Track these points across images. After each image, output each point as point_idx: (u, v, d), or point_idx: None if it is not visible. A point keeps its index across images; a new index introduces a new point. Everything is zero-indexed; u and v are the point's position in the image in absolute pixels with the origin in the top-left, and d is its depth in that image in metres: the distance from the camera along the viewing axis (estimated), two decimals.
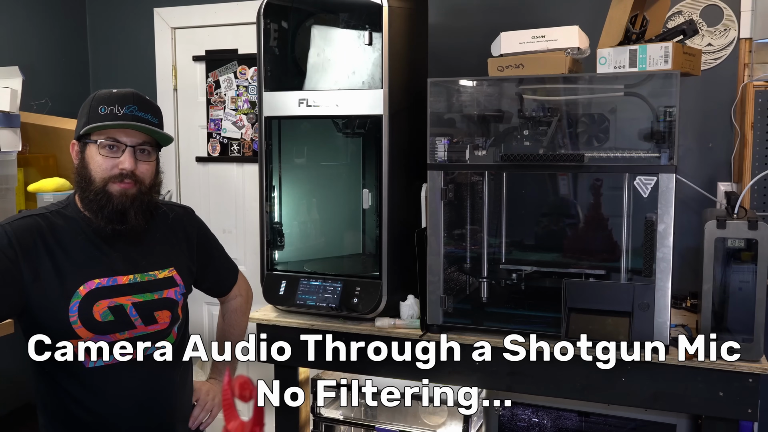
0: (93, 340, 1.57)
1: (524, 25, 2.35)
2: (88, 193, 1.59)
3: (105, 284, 1.59)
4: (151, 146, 1.64)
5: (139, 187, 1.61)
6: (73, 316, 1.55)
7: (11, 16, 3.16)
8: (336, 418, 2.50)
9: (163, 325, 1.68)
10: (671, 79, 2.00)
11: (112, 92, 1.62)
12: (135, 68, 3.52)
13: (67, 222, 1.61)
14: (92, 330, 1.56)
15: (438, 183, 2.19)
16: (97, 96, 1.62)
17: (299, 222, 2.63)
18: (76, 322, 1.54)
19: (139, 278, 1.65)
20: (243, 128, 3.34)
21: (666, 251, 1.97)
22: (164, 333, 1.69)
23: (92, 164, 1.59)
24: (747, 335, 1.95)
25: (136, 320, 1.62)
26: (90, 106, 1.60)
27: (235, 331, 2.02)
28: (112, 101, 1.59)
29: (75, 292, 1.55)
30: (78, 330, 1.55)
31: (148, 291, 1.66)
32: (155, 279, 1.68)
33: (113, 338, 1.59)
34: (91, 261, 1.60)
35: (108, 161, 1.58)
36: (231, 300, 2.00)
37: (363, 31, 2.35)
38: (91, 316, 1.56)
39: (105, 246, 1.62)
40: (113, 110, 1.58)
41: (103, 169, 1.58)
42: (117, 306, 1.60)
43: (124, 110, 1.58)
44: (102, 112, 1.58)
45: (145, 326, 1.64)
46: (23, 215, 1.60)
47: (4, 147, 2.61)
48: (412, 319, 2.29)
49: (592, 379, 2.07)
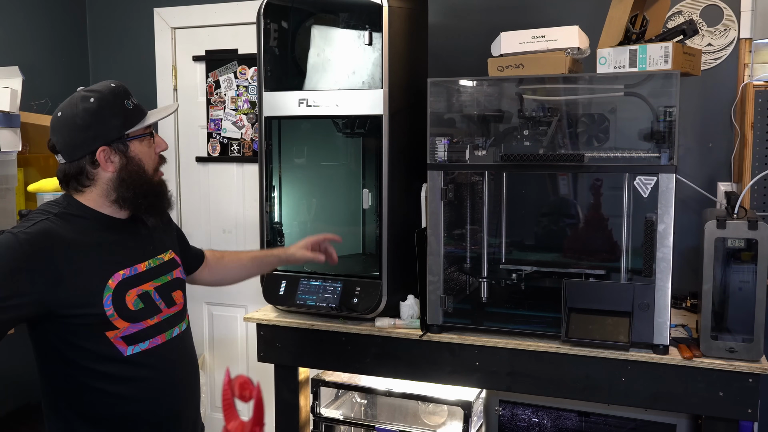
0: (129, 329, 1.60)
1: (524, 25, 2.35)
2: (142, 188, 1.63)
3: (129, 274, 1.63)
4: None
5: None
6: (109, 309, 1.57)
7: (11, 16, 3.16)
8: (336, 418, 2.50)
9: (179, 306, 1.74)
10: (671, 79, 2.00)
11: (117, 89, 1.63)
12: (135, 68, 3.52)
13: (76, 221, 1.60)
14: (128, 319, 1.60)
15: (438, 183, 2.19)
16: (113, 93, 1.61)
17: (299, 222, 2.63)
18: (113, 315, 1.57)
19: (152, 263, 1.70)
20: (243, 128, 3.34)
21: (666, 251, 1.97)
22: (182, 314, 1.76)
23: (144, 158, 1.64)
24: (747, 335, 1.95)
25: (160, 304, 1.68)
26: (114, 104, 1.60)
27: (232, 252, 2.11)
28: (124, 94, 1.63)
29: (105, 286, 1.57)
30: (115, 321, 1.58)
31: (163, 274, 1.71)
32: (164, 261, 1.74)
33: (146, 324, 1.63)
34: (110, 254, 1.62)
35: (152, 149, 1.67)
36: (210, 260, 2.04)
37: (363, 31, 2.35)
38: (125, 306, 1.59)
39: (117, 238, 1.65)
40: (132, 101, 1.64)
41: (153, 159, 1.66)
42: (144, 293, 1.64)
43: (132, 99, 1.64)
44: (129, 107, 1.62)
45: (168, 308, 1.70)
46: (35, 220, 1.56)
47: (4, 147, 2.62)
48: (412, 319, 2.29)
49: (592, 379, 2.07)
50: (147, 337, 1.63)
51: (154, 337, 1.65)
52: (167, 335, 1.68)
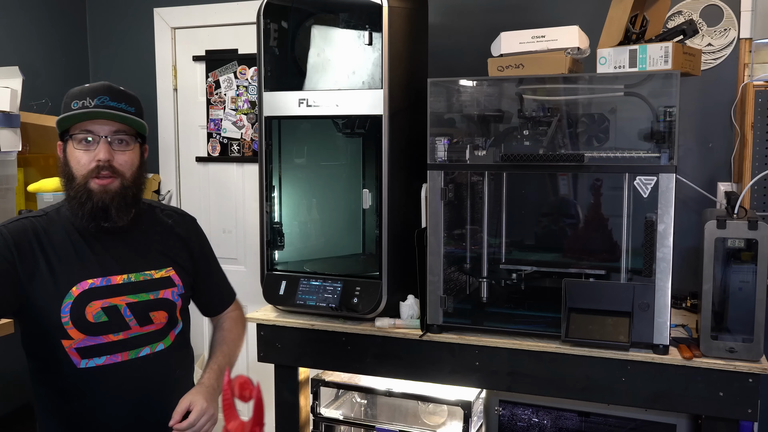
0: (85, 341, 1.56)
1: (524, 25, 2.35)
2: (70, 190, 1.58)
3: (99, 284, 1.58)
4: (128, 135, 1.61)
5: (121, 182, 1.59)
6: (65, 317, 1.54)
7: (11, 16, 3.16)
8: (336, 418, 2.50)
9: (158, 326, 1.66)
10: (671, 79, 2.00)
11: (84, 87, 1.61)
12: (135, 68, 3.52)
13: (60, 222, 1.61)
14: (84, 331, 1.55)
15: (438, 183, 2.19)
16: (69, 93, 1.62)
17: (299, 222, 2.63)
18: (68, 323, 1.54)
19: (133, 278, 1.64)
20: (243, 128, 3.34)
21: (666, 251, 1.97)
22: (160, 334, 1.67)
23: (72, 160, 1.58)
24: (747, 335, 1.95)
25: (130, 321, 1.61)
26: (64, 103, 1.60)
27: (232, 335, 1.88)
28: (83, 95, 1.59)
29: (68, 293, 1.55)
30: (70, 331, 1.54)
31: (144, 291, 1.64)
32: (151, 279, 1.66)
33: (107, 339, 1.58)
34: (84, 261, 1.59)
35: (85, 155, 1.57)
36: (227, 313, 1.93)
37: (363, 31, 2.35)
38: (83, 316, 1.55)
39: (98, 246, 1.61)
40: (84, 103, 1.57)
41: (81, 165, 1.57)
42: (111, 306, 1.59)
43: (95, 102, 1.57)
44: (74, 107, 1.58)
45: (140, 327, 1.63)
46: (19, 217, 1.60)
47: (4, 147, 2.62)
48: (412, 319, 2.29)
49: (592, 379, 2.07)
50: (104, 352, 1.58)
51: (114, 354, 1.59)
52: (131, 354, 1.61)
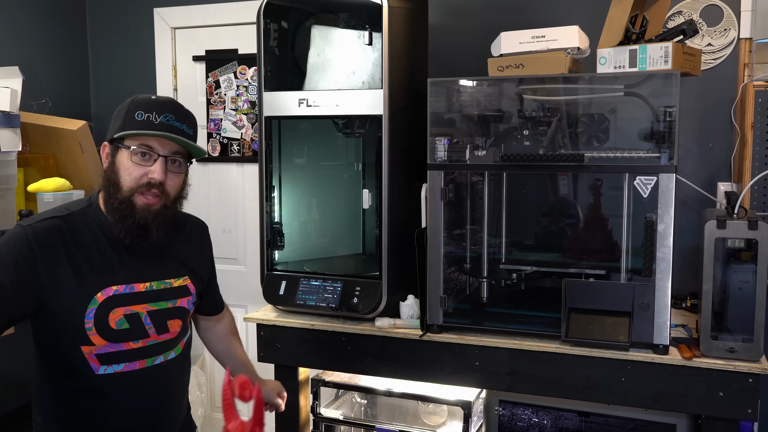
0: (106, 348, 1.56)
1: (524, 25, 2.35)
2: (113, 200, 1.56)
3: (122, 291, 1.58)
4: (182, 158, 1.61)
5: (164, 202, 1.58)
6: (89, 322, 1.53)
7: (11, 16, 3.16)
8: (336, 418, 2.50)
9: (173, 334, 1.67)
10: (671, 79, 2.00)
11: (150, 98, 1.60)
12: (135, 68, 3.52)
13: (88, 225, 1.59)
14: (106, 338, 1.55)
15: (438, 183, 2.19)
16: (135, 101, 1.59)
17: (299, 222, 2.63)
18: (91, 329, 1.53)
19: (155, 286, 1.64)
20: (243, 128, 3.34)
21: (666, 251, 1.97)
22: (173, 342, 1.68)
23: (122, 170, 1.56)
24: (747, 335, 1.95)
25: (150, 329, 1.61)
26: (127, 110, 1.58)
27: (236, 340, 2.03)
28: (150, 108, 1.56)
29: (93, 299, 1.54)
30: (92, 337, 1.54)
31: (163, 299, 1.65)
32: (170, 287, 1.67)
33: (127, 346, 1.58)
34: (110, 267, 1.58)
35: (139, 169, 1.56)
36: (221, 318, 2.00)
37: (363, 31, 2.35)
38: (106, 323, 1.55)
39: (125, 252, 1.60)
40: (150, 117, 1.56)
41: (132, 177, 1.55)
42: (133, 314, 1.59)
43: (161, 118, 1.56)
44: (139, 118, 1.56)
45: (158, 335, 1.63)
46: (45, 216, 1.57)
47: (4, 147, 2.61)
48: (412, 319, 2.29)
49: (592, 379, 2.07)
50: (124, 359, 1.58)
51: (132, 362, 1.60)
52: (148, 362, 1.62)
